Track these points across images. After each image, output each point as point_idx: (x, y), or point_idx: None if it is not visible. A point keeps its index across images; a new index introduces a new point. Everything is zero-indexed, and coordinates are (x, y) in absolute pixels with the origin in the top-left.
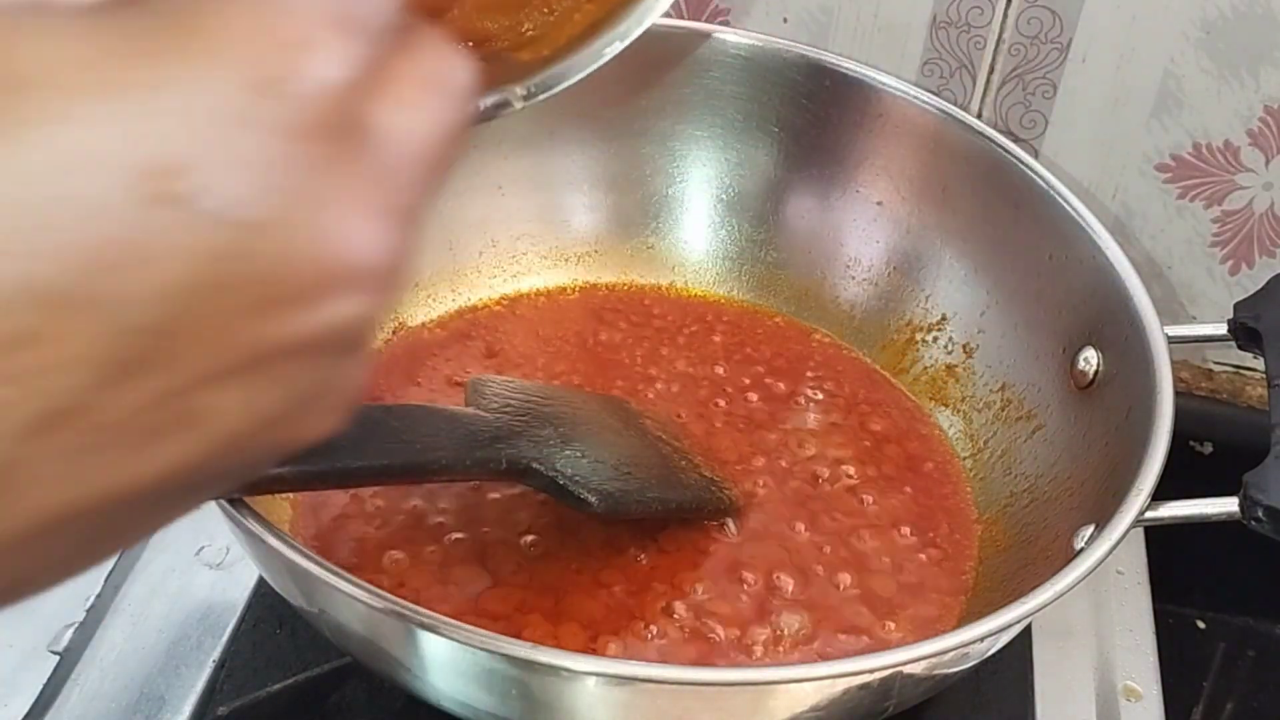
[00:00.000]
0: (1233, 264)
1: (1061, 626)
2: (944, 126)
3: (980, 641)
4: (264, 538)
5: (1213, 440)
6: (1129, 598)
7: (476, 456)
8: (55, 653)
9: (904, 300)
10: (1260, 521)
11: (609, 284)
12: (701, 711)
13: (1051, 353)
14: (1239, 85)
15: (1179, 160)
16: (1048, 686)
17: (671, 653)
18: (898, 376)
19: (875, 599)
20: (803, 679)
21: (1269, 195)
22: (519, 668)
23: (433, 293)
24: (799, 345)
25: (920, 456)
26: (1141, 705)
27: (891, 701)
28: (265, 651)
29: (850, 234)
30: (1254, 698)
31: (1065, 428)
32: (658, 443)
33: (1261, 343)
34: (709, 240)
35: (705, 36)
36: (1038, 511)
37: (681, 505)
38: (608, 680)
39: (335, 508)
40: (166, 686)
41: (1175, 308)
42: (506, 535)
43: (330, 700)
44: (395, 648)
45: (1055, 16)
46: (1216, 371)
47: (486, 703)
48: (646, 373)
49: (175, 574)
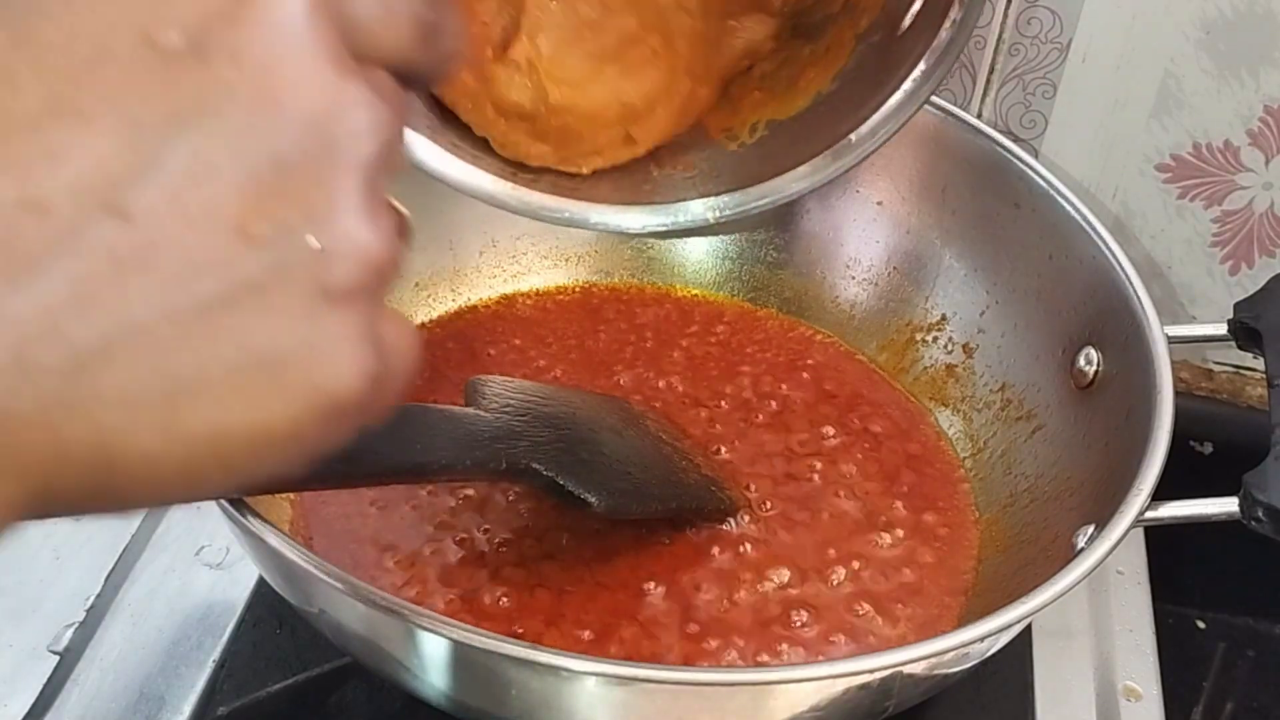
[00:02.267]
0: (1233, 264)
1: (1061, 626)
2: (944, 126)
3: (980, 641)
4: (264, 538)
5: (1213, 440)
6: (1129, 598)
7: (476, 456)
8: (55, 653)
9: (904, 300)
10: (1260, 521)
11: (609, 284)
12: (701, 711)
13: (1051, 353)
14: (1239, 85)
15: (1179, 160)
16: (1048, 686)
17: (672, 653)
18: (898, 376)
19: (875, 599)
20: (803, 679)
21: (1269, 195)
22: (519, 668)
23: (433, 293)
24: (799, 345)
25: (920, 456)
26: (1141, 705)
27: (891, 702)
28: (265, 651)
29: (850, 234)
30: (1254, 698)
31: (1065, 428)
32: (658, 443)
33: (1261, 343)
34: (709, 240)
35: None
36: (1038, 511)
37: (681, 505)
38: (608, 680)
39: (335, 508)
40: (166, 686)
41: (1175, 308)
42: (506, 535)
43: (330, 700)
44: (395, 648)
45: (1055, 16)
46: (1216, 371)
47: (486, 703)
48: (646, 373)
49: (175, 574)
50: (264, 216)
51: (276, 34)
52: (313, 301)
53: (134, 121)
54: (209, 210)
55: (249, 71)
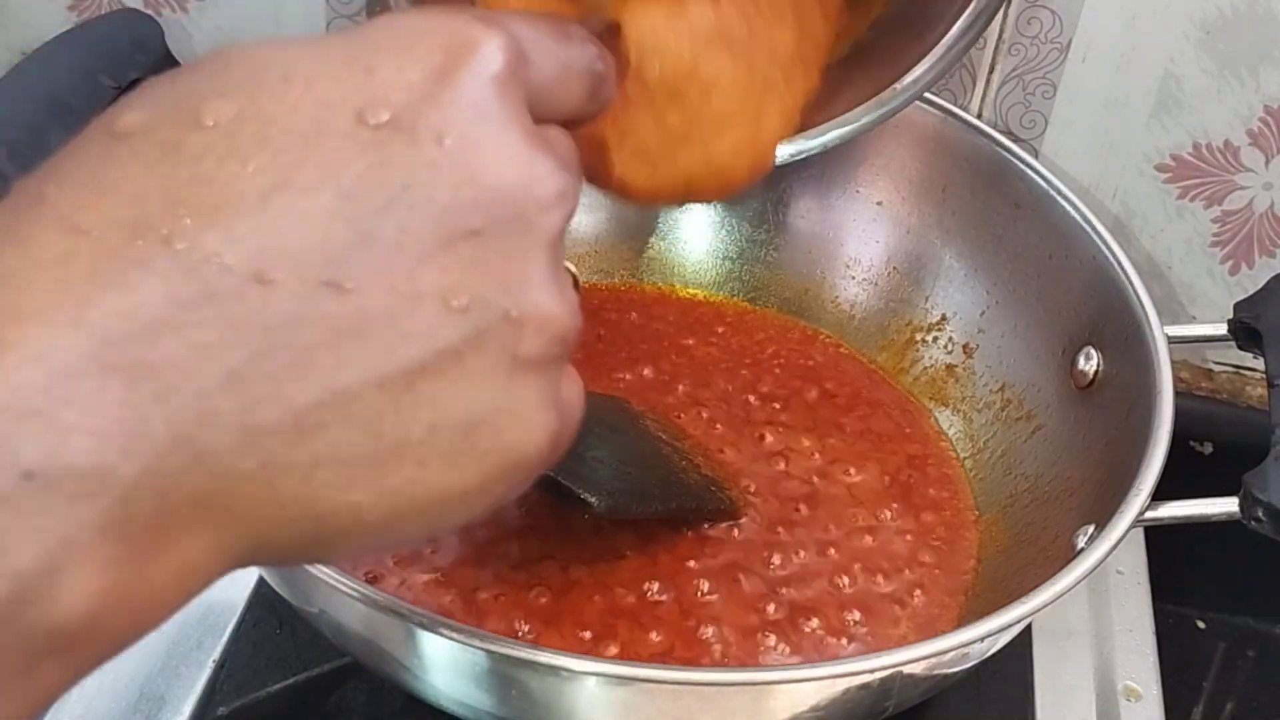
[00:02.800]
0: (1233, 264)
1: (1061, 626)
2: (944, 126)
3: (980, 641)
4: None
5: (1213, 440)
6: (1129, 598)
7: None
8: None
9: (904, 300)
10: (1260, 521)
11: (609, 284)
12: (701, 711)
13: (1051, 353)
14: (1239, 85)
15: (1179, 160)
16: (1048, 686)
17: (671, 653)
18: (898, 376)
19: (875, 599)
20: (803, 679)
21: (1269, 195)
22: (519, 668)
23: None
24: (799, 345)
25: (920, 456)
26: (1141, 705)
27: (891, 701)
28: (265, 651)
29: (850, 234)
30: (1254, 698)
31: (1065, 428)
32: (658, 443)
33: (1261, 343)
34: (709, 240)
35: None
36: (1038, 511)
37: (682, 506)
38: (608, 680)
39: None
40: (166, 686)
41: (1175, 308)
42: (506, 535)
43: (330, 700)
44: (395, 648)
45: (1055, 16)
46: (1216, 371)
47: (486, 703)
48: (646, 373)
49: None
50: (464, 289)
51: (474, 112)
52: (507, 369)
53: (350, 197)
54: (415, 283)
55: (451, 149)
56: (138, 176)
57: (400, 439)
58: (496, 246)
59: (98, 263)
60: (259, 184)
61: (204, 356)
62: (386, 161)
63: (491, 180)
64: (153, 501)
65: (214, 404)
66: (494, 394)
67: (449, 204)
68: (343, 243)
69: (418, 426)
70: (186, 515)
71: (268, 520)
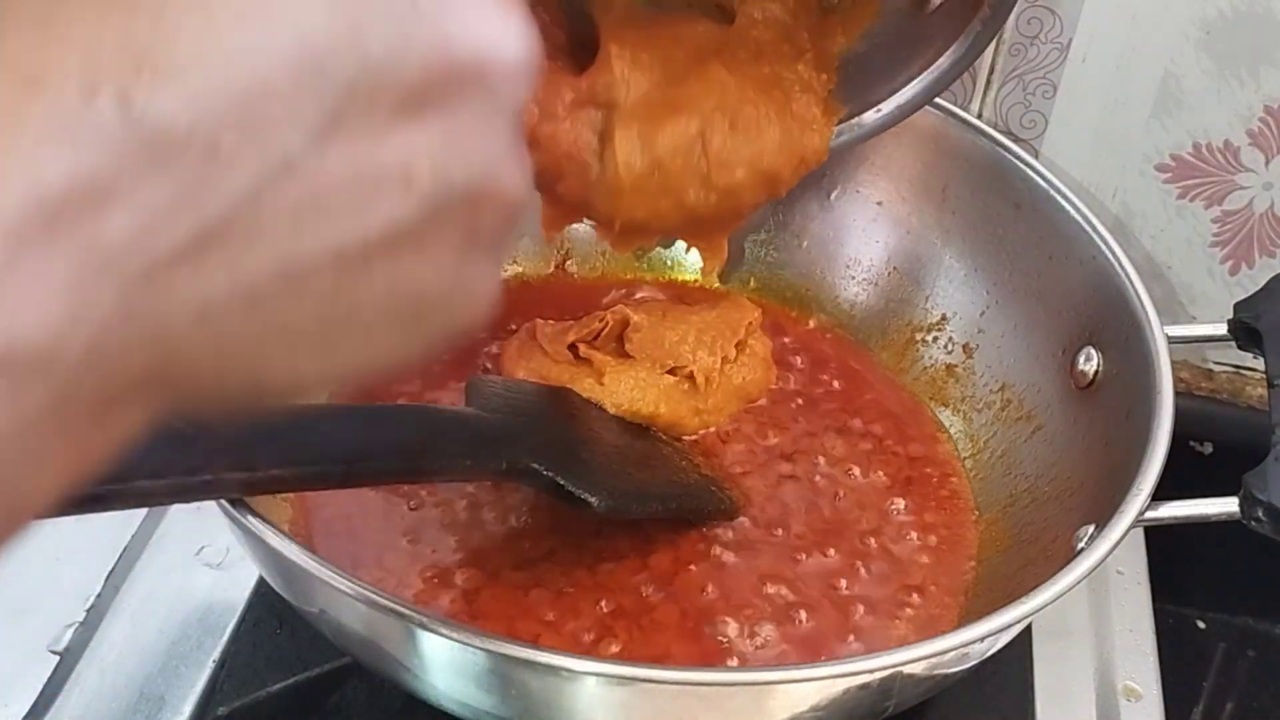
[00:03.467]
0: (1233, 264)
1: (1061, 626)
2: (944, 126)
3: (980, 641)
4: (264, 538)
5: (1213, 440)
6: (1129, 598)
7: (476, 457)
8: (55, 653)
9: (904, 300)
10: (1260, 521)
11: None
12: (701, 711)
13: (1051, 353)
14: (1239, 85)
15: (1179, 160)
16: (1048, 686)
17: (672, 653)
18: (898, 376)
19: (875, 599)
20: (803, 679)
21: (1269, 195)
22: (519, 668)
23: None
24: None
25: (920, 456)
26: (1141, 705)
27: (891, 701)
28: (265, 651)
29: (850, 234)
30: (1254, 698)
31: (1065, 428)
32: (658, 443)
33: (1261, 343)
34: None
35: None
36: (1038, 511)
37: (681, 505)
38: (608, 680)
39: (335, 508)
40: (166, 686)
41: (1175, 308)
42: (506, 535)
43: (330, 700)
44: (395, 648)
45: (1055, 16)
46: (1216, 371)
47: (486, 703)
48: None
49: (175, 574)
50: (427, 162)
51: None
52: (462, 247)
53: (317, 64)
54: (378, 156)
55: (425, 8)
56: (94, 20)
57: (352, 313)
58: (463, 118)
59: (51, 120)
60: (225, 45)
61: (156, 225)
62: (357, 27)
63: (464, 42)
64: (99, 381)
65: (166, 275)
66: (449, 272)
67: (419, 71)
68: (306, 111)
69: (371, 303)
70: (131, 391)
71: (206, 386)
